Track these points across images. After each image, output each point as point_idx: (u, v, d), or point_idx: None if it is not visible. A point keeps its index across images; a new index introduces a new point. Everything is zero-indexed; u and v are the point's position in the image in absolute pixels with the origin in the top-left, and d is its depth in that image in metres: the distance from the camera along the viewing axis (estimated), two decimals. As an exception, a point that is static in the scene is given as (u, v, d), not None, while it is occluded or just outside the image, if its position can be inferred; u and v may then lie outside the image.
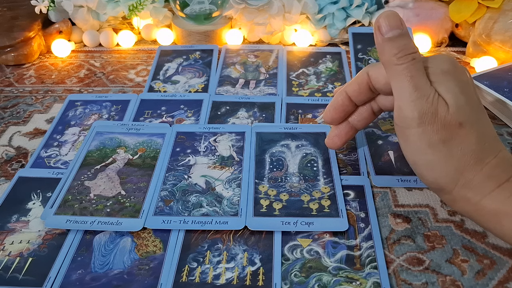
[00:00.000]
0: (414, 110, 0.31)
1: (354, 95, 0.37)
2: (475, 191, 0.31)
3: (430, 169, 0.33)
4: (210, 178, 0.42)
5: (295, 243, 0.36)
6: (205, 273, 0.34)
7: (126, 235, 0.37)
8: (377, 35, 0.32)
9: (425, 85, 0.31)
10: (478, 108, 0.32)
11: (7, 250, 0.36)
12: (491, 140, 0.32)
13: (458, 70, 0.33)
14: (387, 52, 0.32)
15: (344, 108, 0.38)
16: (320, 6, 0.61)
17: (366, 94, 0.37)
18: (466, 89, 0.32)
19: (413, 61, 0.32)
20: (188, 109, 0.51)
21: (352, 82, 0.37)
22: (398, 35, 0.32)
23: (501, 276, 0.33)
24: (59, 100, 0.55)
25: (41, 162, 0.45)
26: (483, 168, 0.31)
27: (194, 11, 0.61)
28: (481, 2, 0.58)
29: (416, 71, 0.32)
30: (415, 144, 0.32)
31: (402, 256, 0.35)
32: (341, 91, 0.38)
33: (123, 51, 0.64)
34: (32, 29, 0.61)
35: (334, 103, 0.38)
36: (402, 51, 0.32)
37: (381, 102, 0.38)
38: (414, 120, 0.31)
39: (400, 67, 0.32)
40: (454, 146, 0.31)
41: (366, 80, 0.36)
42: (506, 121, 0.48)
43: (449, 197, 0.33)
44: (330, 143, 0.41)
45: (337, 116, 0.39)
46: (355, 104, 0.38)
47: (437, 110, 0.31)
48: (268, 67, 0.58)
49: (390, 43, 0.32)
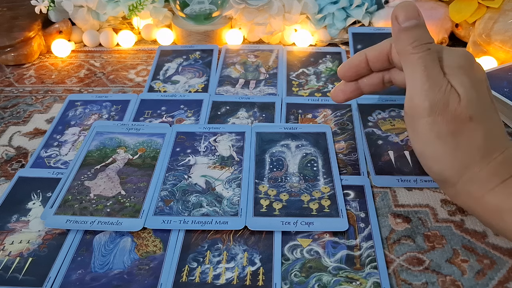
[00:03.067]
0: (426, 100, 0.31)
1: (372, 60, 0.38)
2: (478, 185, 0.31)
3: (437, 160, 0.33)
4: (210, 178, 0.42)
5: (295, 243, 0.36)
6: (205, 273, 0.34)
7: (126, 235, 0.37)
8: (394, 24, 0.33)
9: (438, 75, 0.32)
10: (489, 105, 0.33)
11: (7, 250, 0.36)
12: (498, 137, 0.32)
13: (474, 67, 0.33)
14: (403, 41, 0.33)
15: (359, 69, 0.39)
16: (320, 6, 0.61)
17: (383, 63, 0.37)
18: (479, 86, 0.32)
19: (428, 51, 0.32)
20: (188, 109, 0.51)
21: (373, 48, 0.38)
22: (415, 25, 0.32)
23: (501, 276, 0.33)
24: (59, 100, 0.55)
25: (41, 162, 0.45)
26: (488, 163, 0.31)
27: (194, 11, 0.61)
28: (481, 2, 0.58)
29: (430, 61, 0.32)
30: (423, 135, 0.32)
31: (402, 256, 0.35)
32: (361, 52, 0.38)
33: (123, 51, 0.64)
34: (32, 29, 0.61)
35: (351, 61, 0.39)
36: (417, 40, 0.32)
37: (393, 76, 0.38)
38: (425, 110, 0.31)
39: (415, 56, 0.32)
40: (462, 139, 0.31)
41: (387, 50, 0.37)
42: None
43: (453, 190, 0.33)
44: (334, 95, 0.41)
45: (349, 74, 0.39)
46: (370, 69, 0.39)
47: (448, 101, 0.31)
48: (268, 67, 0.58)
49: (406, 32, 0.32)
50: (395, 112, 0.49)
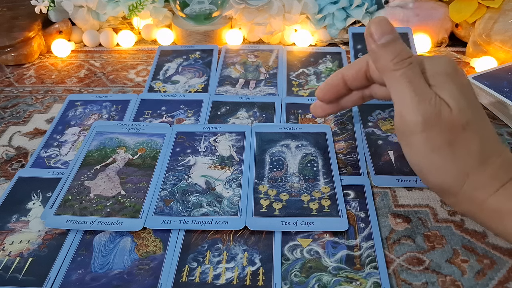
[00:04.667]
0: (418, 115, 0.31)
1: (349, 80, 0.37)
2: (480, 191, 0.31)
3: (436, 173, 0.32)
4: (210, 178, 0.42)
5: (295, 243, 0.36)
6: (205, 273, 0.34)
7: (126, 235, 0.37)
8: (370, 42, 0.32)
9: (425, 88, 0.31)
10: (479, 110, 0.32)
11: (7, 250, 0.36)
12: (493, 141, 0.32)
13: (457, 72, 0.33)
14: (383, 58, 0.32)
15: (338, 89, 0.39)
16: (320, 6, 0.61)
17: (362, 81, 0.37)
18: (466, 91, 0.32)
19: (410, 65, 0.31)
20: (188, 109, 0.51)
21: (349, 67, 0.37)
22: (391, 40, 0.32)
23: (501, 276, 0.33)
24: (59, 100, 0.55)
25: (41, 162, 0.45)
26: (486, 169, 0.31)
27: (194, 11, 0.61)
28: (481, 2, 0.58)
29: (414, 75, 0.31)
30: (419, 150, 0.32)
31: (402, 256, 0.35)
32: (338, 72, 0.38)
33: (123, 51, 0.64)
34: (32, 29, 0.61)
35: (329, 82, 0.39)
36: (397, 56, 0.31)
37: (374, 91, 0.38)
38: (418, 125, 0.31)
39: (397, 73, 0.31)
40: (458, 148, 0.31)
41: (365, 68, 0.36)
42: (506, 121, 0.48)
43: (454, 199, 0.33)
44: (313, 110, 0.42)
45: (328, 96, 0.39)
46: (348, 88, 0.38)
47: (440, 112, 0.30)
48: (268, 67, 0.58)
49: (385, 49, 0.32)
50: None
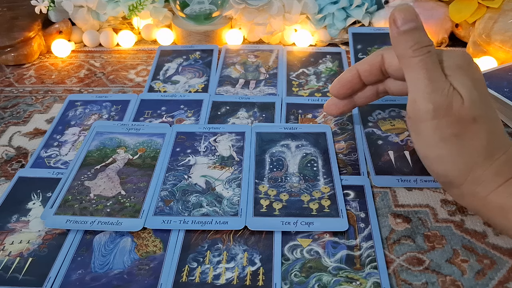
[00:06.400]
0: (429, 103, 0.31)
1: (364, 74, 0.38)
2: (483, 186, 0.32)
3: (441, 163, 0.33)
4: (210, 178, 0.42)
5: (295, 243, 0.36)
6: (205, 273, 0.34)
7: (126, 235, 0.37)
8: (392, 28, 0.33)
9: (441, 78, 0.31)
10: (490, 105, 0.33)
11: (7, 250, 0.36)
12: (500, 137, 0.33)
13: (472, 66, 0.33)
14: (403, 45, 0.32)
15: (352, 85, 0.39)
16: (320, 6, 0.61)
17: (376, 75, 0.37)
18: (479, 86, 0.32)
19: (428, 53, 0.32)
20: (188, 109, 0.51)
21: (364, 62, 0.37)
22: (414, 27, 0.32)
23: (501, 276, 0.33)
24: (59, 100, 0.55)
25: (41, 162, 0.45)
26: (492, 164, 0.31)
27: (194, 11, 0.61)
28: (481, 2, 0.58)
29: (431, 64, 0.32)
30: (427, 138, 0.32)
31: (402, 256, 0.35)
32: (352, 67, 0.38)
33: (123, 51, 0.64)
34: (32, 29, 0.61)
35: (343, 78, 0.39)
36: (417, 43, 0.32)
37: (388, 86, 0.38)
38: (429, 113, 0.31)
39: (415, 60, 0.32)
40: (466, 141, 0.31)
41: (379, 62, 0.36)
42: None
43: (458, 191, 0.33)
44: (327, 109, 0.42)
45: (343, 91, 0.39)
46: (363, 83, 0.38)
47: (451, 103, 0.31)
48: (268, 67, 0.58)
49: (406, 35, 0.32)
50: (395, 112, 0.49)
